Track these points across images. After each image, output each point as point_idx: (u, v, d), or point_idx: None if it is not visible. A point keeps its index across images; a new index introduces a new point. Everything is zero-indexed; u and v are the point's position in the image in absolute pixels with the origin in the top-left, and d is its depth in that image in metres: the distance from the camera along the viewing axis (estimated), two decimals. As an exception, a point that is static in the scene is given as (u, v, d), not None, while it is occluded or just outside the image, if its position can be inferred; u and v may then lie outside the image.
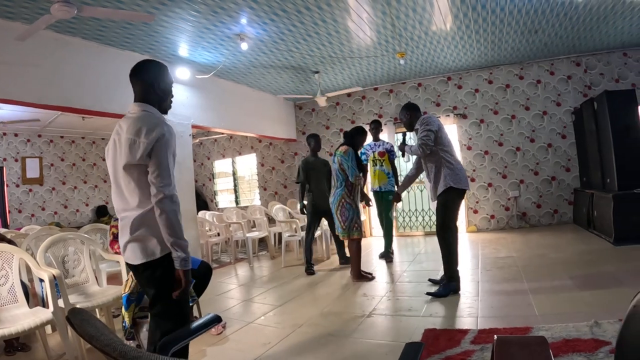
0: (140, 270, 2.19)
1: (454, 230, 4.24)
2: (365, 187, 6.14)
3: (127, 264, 2.26)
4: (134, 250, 2.13)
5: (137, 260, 2.14)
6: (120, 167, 2.10)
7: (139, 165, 2.05)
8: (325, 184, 5.97)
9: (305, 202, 6.22)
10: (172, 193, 2.07)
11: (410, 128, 4.45)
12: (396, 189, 6.15)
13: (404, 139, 4.60)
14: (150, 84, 2.21)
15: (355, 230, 5.06)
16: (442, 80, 8.44)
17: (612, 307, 3.14)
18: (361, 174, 5.05)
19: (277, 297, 4.77)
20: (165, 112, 2.30)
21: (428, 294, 4.15)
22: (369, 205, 5.84)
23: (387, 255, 6.20)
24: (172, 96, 2.35)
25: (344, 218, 5.06)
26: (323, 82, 7.97)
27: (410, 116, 4.40)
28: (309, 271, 5.75)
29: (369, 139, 6.23)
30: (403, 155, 4.58)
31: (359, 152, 5.29)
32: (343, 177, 5.03)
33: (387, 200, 6.18)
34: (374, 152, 6.25)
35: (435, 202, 4.31)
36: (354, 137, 5.15)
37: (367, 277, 5.13)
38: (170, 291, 2.13)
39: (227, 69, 6.79)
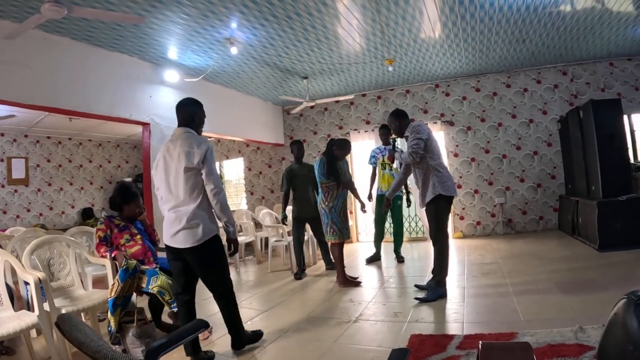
0: (188, 251, 2.99)
1: (447, 236, 4.34)
2: (370, 191, 6.40)
3: (170, 247, 3.06)
4: (186, 236, 2.95)
5: (187, 244, 2.96)
6: (180, 171, 2.96)
7: (195, 169, 2.95)
8: (310, 191, 5.96)
9: (287, 212, 6.26)
10: (222, 187, 3.03)
11: (400, 134, 4.49)
12: (404, 192, 6.29)
13: (393, 145, 4.65)
14: (192, 116, 3.18)
15: (332, 235, 5.10)
16: (430, 88, 8.50)
17: (596, 312, 3.19)
18: (334, 183, 5.05)
19: (264, 302, 4.76)
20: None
21: (416, 299, 4.17)
22: (362, 211, 5.86)
23: (399, 257, 6.35)
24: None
25: (321, 221, 5.25)
26: (312, 88, 7.99)
27: (399, 123, 4.43)
28: (297, 276, 5.75)
29: (379, 142, 6.36)
30: (393, 162, 4.61)
31: (340, 162, 5.23)
32: (319, 184, 5.15)
33: (395, 205, 6.26)
34: (383, 155, 6.26)
35: (424, 208, 4.36)
36: (330, 148, 5.17)
37: (354, 282, 5.13)
38: (214, 262, 3.09)
39: (216, 73, 6.78)
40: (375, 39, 5.75)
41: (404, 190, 6.30)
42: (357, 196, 5.60)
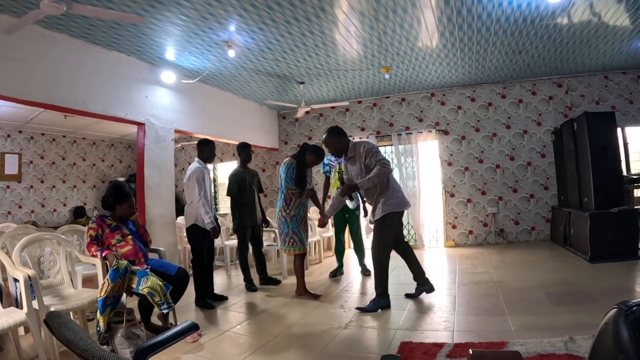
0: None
1: (389, 250, 4.36)
2: (325, 202, 6.05)
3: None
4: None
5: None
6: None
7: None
8: (256, 197, 5.73)
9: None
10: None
11: (341, 154, 4.48)
12: (360, 202, 6.09)
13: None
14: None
15: (291, 246, 4.83)
16: (425, 96, 8.54)
17: (587, 323, 3.20)
18: (299, 190, 4.83)
19: (253, 307, 4.74)
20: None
21: (358, 308, 4.28)
22: (323, 223, 5.10)
23: (365, 270, 6.02)
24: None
25: (280, 231, 4.93)
26: (308, 93, 8.00)
27: (342, 144, 4.44)
28: (251, 288, 5.43)
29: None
30: (351, 199, 4.53)
31: (309, 168, 5.02)
32: (282, 189, 4.90)
33: (354, 217, 6.04)
34: (339, 163, 5.83)
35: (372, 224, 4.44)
36: (303, 154, 4.92)
37: (312, 295, 4.89)
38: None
39: (212, 75, 6.77)
40: (372, 47, 5.77)
41: (361, 200, 6.12)
42: (318, 205, 5.43)
